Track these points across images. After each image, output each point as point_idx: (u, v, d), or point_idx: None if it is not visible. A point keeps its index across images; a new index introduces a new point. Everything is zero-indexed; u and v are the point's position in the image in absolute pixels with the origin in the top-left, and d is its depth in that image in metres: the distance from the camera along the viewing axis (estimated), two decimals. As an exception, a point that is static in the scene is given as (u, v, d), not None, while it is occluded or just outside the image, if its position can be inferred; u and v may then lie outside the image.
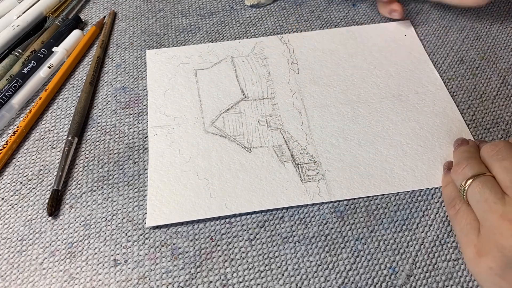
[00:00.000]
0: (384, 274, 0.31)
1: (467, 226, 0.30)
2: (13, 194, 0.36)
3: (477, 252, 0.28)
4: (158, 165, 0.36)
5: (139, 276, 0.31)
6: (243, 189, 0.35)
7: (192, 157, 0.37)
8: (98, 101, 0.42)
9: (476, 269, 0.28)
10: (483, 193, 0.28)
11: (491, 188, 0.28)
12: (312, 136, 0.38)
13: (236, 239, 0.33)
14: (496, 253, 0.27)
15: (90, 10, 0.50)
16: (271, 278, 0.31)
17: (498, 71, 0.43)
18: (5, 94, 0.40)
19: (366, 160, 0.36)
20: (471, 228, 0.29)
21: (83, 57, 0.45)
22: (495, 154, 0.30)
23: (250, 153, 0.37)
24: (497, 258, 0.27)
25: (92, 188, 0.36)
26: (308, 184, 0.35)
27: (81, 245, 0.33)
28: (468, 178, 0.30)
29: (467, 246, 0.29)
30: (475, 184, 0.29)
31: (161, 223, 0.33)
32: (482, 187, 0.29)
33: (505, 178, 0.28)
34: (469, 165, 0.31)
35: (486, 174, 0.30)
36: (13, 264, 0.32)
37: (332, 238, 0.33)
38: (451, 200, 0.32)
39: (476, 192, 0.29)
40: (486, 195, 0.28)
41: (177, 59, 0.44)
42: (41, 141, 0.39)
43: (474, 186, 0.29)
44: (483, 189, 0.29)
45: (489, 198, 0.28)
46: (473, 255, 0.28)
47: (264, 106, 0.40)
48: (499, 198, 0.28)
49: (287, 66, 0.43)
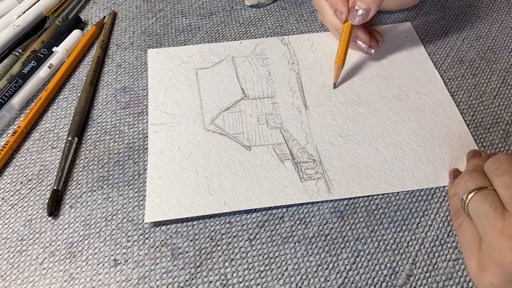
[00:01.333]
0: (384, 274, 0.31)
1: (469, 239, 0.29)
2: (13, 194, 0.36)
3: (479, 266, 0.28)
4: (158, 162, 0.36)
5: (139, 276, 0.31)
6: (242, 187, 0.35)
7: (191, 155, 0.37)
8: (98, 101, 0.42)
9: (479, 283, 0.28)
10: (483, 207, 0.28)
11: (491, 203, 0.28)
12: (311, 135, 0.38)
13: (236, 239, 0.33)
14: (496, 269, 0.27)
15: (90, 10, 0.50)
16: (271, 278, 0.31)
17: (498, 71, 0.43)
18: (5, 94, 0.40)
19: (366, 159, 0.36)
20: (473, 242, 0.29)
21: (83, 57, 0.45)
22: (496, 169, 0.29)
23: (250, 151, 0.37)
24: (498, 275, 0.27)
25: (92, 188, 0.36)
26: (307, 182, 0.35)
27: (81, 245, 0.33)
28: (470, 191, 0.29)
29: (470, 260, 0.29)
30: (475, 198, 0.29)
31: (160, 219, 0.33)
32: (483, 201, 0.28)
33: (504, 193, 0.28)
34: (470, 178, 0.30)
35: (488, 188, 0.29)
36: (13, 264, 0.32)
37: (332, 238, 0.33)
38: (456, 212, 0.32)
39: (476, 206, 0.28)
40: (486, 210, 0.28)
41: (178, 58, 0.44)
42: (41, 141, 0.39)
43: (474, 200, 0.29)
44: (483, 203, 0.28)
45: (489, 213, 0.27)
46: (475, 268, 0.28)
47: (264, 105, 0.40)
48: (499, 213, 0.27)
49: (287, 66, 0.43)
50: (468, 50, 0.45)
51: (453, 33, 0.46)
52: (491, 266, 0.27)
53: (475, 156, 0.35)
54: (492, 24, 0.47)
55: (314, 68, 0.43)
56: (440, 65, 0.43)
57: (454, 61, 0.44)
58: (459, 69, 0.43)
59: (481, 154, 0.35)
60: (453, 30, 0.46)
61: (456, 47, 0.45)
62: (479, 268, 0.28)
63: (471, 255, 0.29)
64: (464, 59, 0.44)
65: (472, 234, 0.29)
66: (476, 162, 0.33)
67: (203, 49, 0.45)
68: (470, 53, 0.44)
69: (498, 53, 0.44)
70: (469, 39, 0.46)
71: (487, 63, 0.43)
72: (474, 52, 0.44)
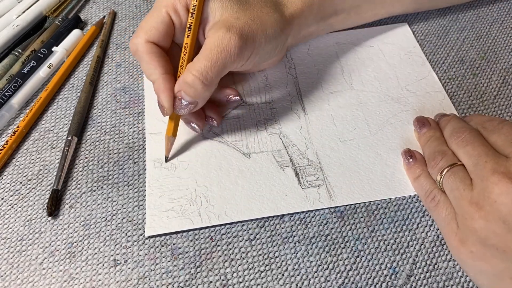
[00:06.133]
0: (384, 274, 0.31)
1: (448, 216, 0.31)
2: (13, 194, 0.36)
3: (460, 239, 0.29)
4: (157, 173, 0.36)
5: (139, 276, 0.31)
6: (243, 196, 0.34)
7: (190, 164, 0.36)
8: (98, 101, 0.42)
9: (461, 255, 0.30)
10: (454, 182, 0.30)
11: (461, 177, 0.30)
12: (311, 140, 0.38)
13: (236, 239, 0.33)
14: (472, 237, 0.28)
15: (90, 10, 0.50)
16: (271, 278, 0.31)
17: (498, 71, 0.43)
18: (4, 94, 0.40)
19: (366, 164, 0.36)
20: (452, 218, 0.30)
21: (83, 57, 0.45)
22: (460, 141, 0.32)
23: (249, 158, 0.37)
24: (475, 242, 0.28)
25: (92, 188, 0.36)
26: (308, 190, 0.35)
27: (81, 245, 0.33)
28: (442, 169, 0.32)
29: (450, 236, 0.30)
30: (447, 175, 0.31)
31: (160, 232, 0.33)
32: (454, 177, 0.30)
33: (468, 163, 0.30)
34: (443, 158, 0.32)
35: (457, 164, 0.31)
36: (12, 264, 0.32)
37: (332, 238, 0.33)
38: (429, 193, 0.33)
39: (449, 182, 0.31)
40: (457, 184, 0.30)
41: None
42: (41, 141, 0.39)
43: (447, 177, 0.31)
44: (455, 178, 0.30)
45: (459, 186, 0.30)
46: (456, 243, 0.30)
47: (263, 110, 0.40)
48: (467, 185, 0.29)
49: (284, 70, 0.43)
50: (468, 50, 0.45)
51: (453, 33, 0.46)
52: (468, 236, 0.29)
53: (426, 126, 0.36)
54: (492, 24, 0.47)
55: (311, 72, 0.43)
56: (440, 65, 0.43)
57: (455, 61, 0.44)
58: (460, 69, 0.43)
59: (430, 122, 0.36)
60: (453, 30, 0.46)
61: (456, 47, 0.45)
62: (460, 241, 0.29)
63: (451, 231, 0.30)
64: (464, 59, 0.44)
65: (450, 211, 0.31)
66: (431, 133, 0.35)
67: None
68: (470, 53, 0.44)
69: (499, 53, 0.44)
70: (469, 39, 0.46)
71: (488, 63, 0.43)
72: (475, 52, 0.44)
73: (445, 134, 0.34)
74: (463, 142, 0.31)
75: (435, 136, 0.35)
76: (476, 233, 0.28)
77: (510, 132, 0.30)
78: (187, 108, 0.33)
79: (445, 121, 0.35)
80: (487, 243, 0.28)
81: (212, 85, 0.33)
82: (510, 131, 0.30)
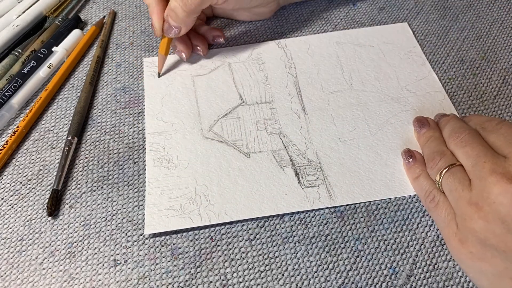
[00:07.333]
0: (384, 274, 0.31)
1: (447, 216, 0.31)
2: (13, 194, 0.36)
3: (459, 240, 0.29)
4: (156, 172, 0.36)
5: (139, 276, 0.31)
6: (243, 195, 0.35)
7: (190, 163, 0.36)
8: (98, 101, 0.42)
9: (461, 256, 0.30)
10: (453, 183, 0.30)
11: (460, 177, 0.30)
12: (311, 140, 0.38)
13: (236, 239, 0.33)
14: (471, 238, 0.28)
15: (90, 10, 0.50)
16: (271, 278, 0.31)
17: (498, 71, 0.43)
18: (4, 94, 0.40)
19: (366, 164, 0.36)
20: (451, 218, 0.30)
21: (83, 57, 0.45)
22: (459, 142, 0.32)
23: (249, 158, 0.37)
24: (474, 242, 0.28)
25: (92, 188, 0.36)
26: (308, 189, 0.35)
27: (81, 245, 0.33)
28: (441, 170, 0.31)
29: (450, 236, 0.30)
30: (446, 175, 0.31)
31: (160, 230, 0.33)
32: (453, 178, 0.30)
33: (467, 163, 0.30)
34: (442, 159, 0.32)
35: (456, 164, 0.31)
36: (12, 264, 0.32)
37: (332, 238, 0.33)
38: (428, 193, 0.33)
39: (448, 183, 0.31)
40: (456, 185, 0.30)
41: (174, 66, 0.44)
42: (41, 141, 0.39)
43: (446, 177, 0.31)
44: (454, 179, 0.30)
45: (458, 187, 0.30)
46: (456, 243, 0.30)
47: (262, 110, 0.40)
48: (466, 185, 0.29)
49: (284, 70, 0.43)
50: (468, 50, 0.45)
51: (453, 33, 0.46)
52: (467, 237, 0.29)
53: (425, 126, 0.36)
54: (492, 23, 0.47)
55: (311, 71, 0.43)
56: (440, 65, 0.43)
57: (455, 61, 0.44)
58: (460, 69, 0.43)
59: (429, 122, 0.36)
60: (453, 30, 0.46)
61: (456, 47, 0.45)
62: (459, 242, 0.29)
63: (451, 231, 0.30)
64: (464, 59, 0.44)
65: (450, 212, 0.31)
66: (430, 133, 0.35)
67: (199, 56, 0.44)
68: (470, 53, 0.44)
69: (499, 53, 0.44)
70: (469, 39, 0.45)
71: (488, 63, 0.43)
72: (475, 52, 0.44)
73: (444, 135, 0.34)
74: (461, 142, 0.31)
75: (434, 136, 0.35)
76: (475, 234, 0.28)
77: (508, 133, 0.30)
78: (172, 32, 0.39)
79: (445, 121, 0.35)
80: (487, 244, 0.28)
81: (192, 13, 0.38)
82: (508, 132, 0.30)
